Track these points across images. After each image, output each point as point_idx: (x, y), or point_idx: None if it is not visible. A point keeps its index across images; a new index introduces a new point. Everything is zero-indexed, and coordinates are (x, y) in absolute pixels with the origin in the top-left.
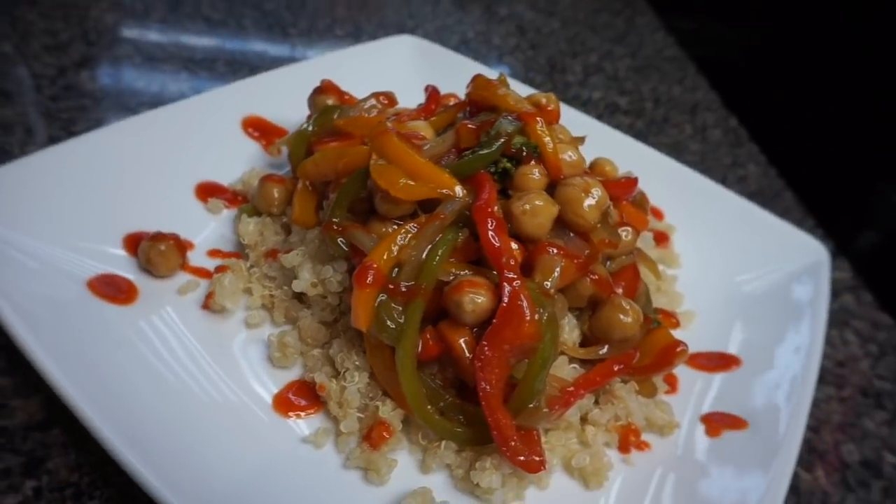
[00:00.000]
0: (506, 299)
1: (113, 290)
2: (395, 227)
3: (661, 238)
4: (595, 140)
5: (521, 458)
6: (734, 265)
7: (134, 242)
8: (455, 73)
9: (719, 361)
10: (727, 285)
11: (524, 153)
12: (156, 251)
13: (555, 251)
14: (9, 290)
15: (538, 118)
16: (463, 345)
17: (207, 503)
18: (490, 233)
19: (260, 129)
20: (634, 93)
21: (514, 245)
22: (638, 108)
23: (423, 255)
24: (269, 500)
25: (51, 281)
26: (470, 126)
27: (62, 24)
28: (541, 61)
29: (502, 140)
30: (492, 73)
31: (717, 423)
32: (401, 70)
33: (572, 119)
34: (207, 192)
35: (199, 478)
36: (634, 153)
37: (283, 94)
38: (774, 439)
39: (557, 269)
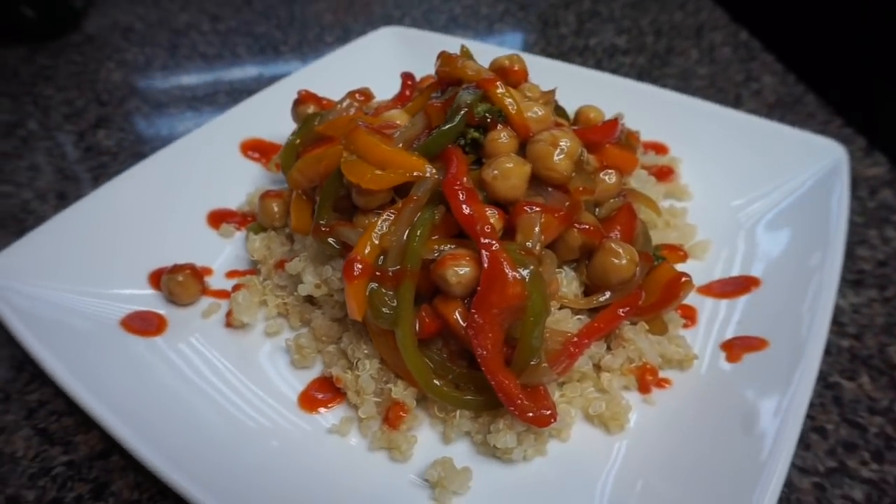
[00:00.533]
0: (486, 265)
1: (144, 324)
2: (377, 217)
3: (666, 173)
4: (590, 89)
5: (530, 414)
6: (746, 185)
7: (158, 278)
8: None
9: (737, 286)
10: (740, 207)
11: (489, 119)
12: (174, 282)
13: (533, 209)
14: (53, 342)
15: (497, 82)
16: (458, 316)
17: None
18: (462, 204)
19: (258, 150)
20: (633, 30)
21: (492, 211)
22: (638, 45)
23: (405, 238)
24: (308, 493)
25: (88, 327)
26: (436, 104)
27: (76, 92)
28: (532, 20)
29: (463, 111)
30: (480, 45)
31: (736, 347)
32: (386, 62)
33: (565, 73)
34: (218, 218)
35: (242, 483)
36: (631, 93)
37: (275, 112)
38: (795, 349)
39: (537, 227)
